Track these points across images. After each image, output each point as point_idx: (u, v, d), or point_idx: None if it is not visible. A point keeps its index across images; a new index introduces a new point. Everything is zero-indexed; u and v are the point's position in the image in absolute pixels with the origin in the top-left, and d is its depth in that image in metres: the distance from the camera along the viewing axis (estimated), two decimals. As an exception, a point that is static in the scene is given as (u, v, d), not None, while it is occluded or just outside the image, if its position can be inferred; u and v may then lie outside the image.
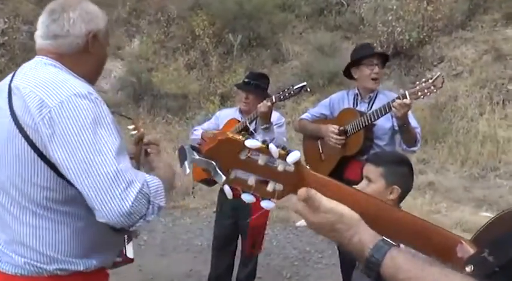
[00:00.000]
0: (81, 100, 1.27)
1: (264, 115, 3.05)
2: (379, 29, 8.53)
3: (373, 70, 2.93)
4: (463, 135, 6.75)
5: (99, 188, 1.22)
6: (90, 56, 1.47)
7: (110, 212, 1.23)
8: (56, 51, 1.44)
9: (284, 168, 0.81)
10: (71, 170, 1.24)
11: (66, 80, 1.33)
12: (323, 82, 8.80)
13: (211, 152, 0.79)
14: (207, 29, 10.30)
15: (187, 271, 4.21)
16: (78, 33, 1.43)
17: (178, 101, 9.63)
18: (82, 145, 1.23)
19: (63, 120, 1.24)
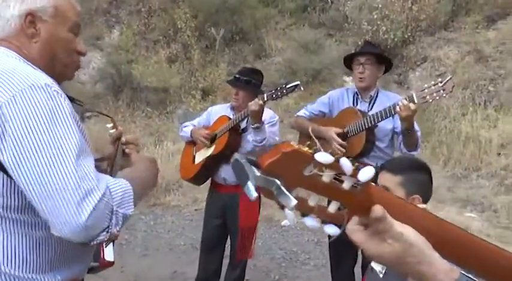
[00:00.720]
0: (37, 93, 1.11)
1: (255, 114, 2.90)
2: (364, 28, 8.53)
3: (358, 69, 2.89)
4: (445, 135, 6.79)
5: (52, 197, 1.06)
6: (34, 41, 1.28)
7: (63, 226, 1.07)
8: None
9: (351, 185, 0.68)
10: (20, 175, 1.07)
11: (20, 70, 1.16)
12: (306, 79, 8.74)
13: (274, 167, 0.65)
14: (189, 22, 10.13)
15: (171, 272, 4.08)
16: (10, 14, 1.27)
17: (158, 95, 9.43)
18: (35, 145, 1.07)
19: (15, 117, 1.08)
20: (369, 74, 2.87)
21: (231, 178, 3.18)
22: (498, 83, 7.33)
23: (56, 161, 1.07)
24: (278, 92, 2.81)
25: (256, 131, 2.99)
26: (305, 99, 8.85)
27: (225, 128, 3.21)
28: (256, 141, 3.01)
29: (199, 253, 3.50)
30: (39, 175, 1.06)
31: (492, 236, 4.69)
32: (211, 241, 3.42)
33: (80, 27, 1.40)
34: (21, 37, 1.27)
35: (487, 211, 5.41)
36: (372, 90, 2.93)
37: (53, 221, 1.07)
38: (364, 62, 2.87)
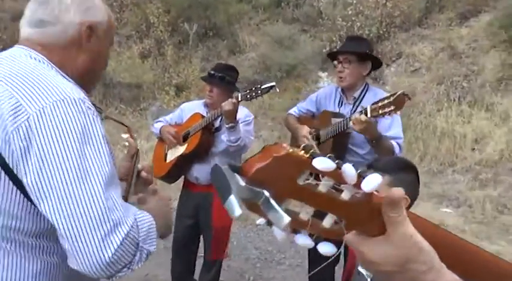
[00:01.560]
0: (70, 108, 0.99)
1: (229, 114, 2.80)
2: (338, 23, 8.49)
3: (338, 68, 2.76)
4: (421, 131, 6.80)
5: (77, 227, 0.95)
6: (82, 53, 1.20)
7: (84, 260, 0.96)
8: (41, 41, 1.16)
9: (351, 195, 0.56)
10: (43, 198, 0.95)
11: (54, 80, 1.04)
12: (281, 75, 8.68)
13: (262, 175, 0.52)
14: (161, 17, 9.97)
15: (142, 275, 3.91)
16: (70, 21, 1.17)
17: (132, 91, 9.23)
18: (63, 167, 0.95)
19: (43, 132, 0.96)
20: (348, 73, 2.69)
21: (203, 177, 3.07)
22: (471, 79, 7.38)
23: (84, 188, 0.96)
24: (253, 92, 2.73)
25: (230, 130, 2.89)
26: (280, 95, 8.76)
27: (198, 126, 3.09)
28: (230, 141, 2.91)
29: (172, 254, 3.37)
30: (64, 202, 0.95)
31: (467, 232, 4.69)
32: (182, 241, 3.29)
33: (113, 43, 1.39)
34: (71, 47, 1.18)
35: (462, 206, 5.42)
36: (356, 90, 2.75)
37: (74, 253, 0.97)
38: (343, 60, 2.71)
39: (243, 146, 2.97)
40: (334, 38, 8.42)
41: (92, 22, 1.20)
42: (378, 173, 0.55)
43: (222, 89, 3.07)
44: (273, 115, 8.25)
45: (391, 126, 2.59)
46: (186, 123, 3.24)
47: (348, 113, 2.71)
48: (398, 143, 2.58)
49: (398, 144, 2.58)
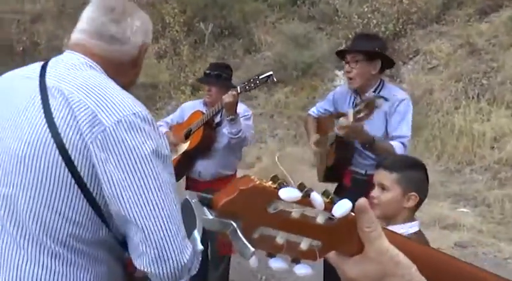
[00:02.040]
0: (142, 123, 1.04)
1: (229, 106, 2.86)
2: (354, 21, 8.42)
3: (346, 68, 2.68)
4: (439, 129, 6.70)
5: (161, 231, 1.00)
6: (133, 70, 1.29)
7: (166, 263, 1.00)
8: (104, 54, 1.20)
9: (325, 219, 0.58)
10: (126, 204, 1.00)
11: (120, 94, 1.09)
12: (296, 73, 8.65)
13: (230, 208, 0.55)
14: (177, 17, 10.05)
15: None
16: (136, 44, 1.24)
17: (147, 91, 9.31)
18: (144, 175, 1.01)
19: (121, 145, 1.01)
20: (357, 73, 2.57)
21: (206, 172, 3.16)
22: (491, 76, 7.23)
23: (165, 197, 1.02)
24: (251, 83, 2.81)
25: (231, 123, 2.96)
26: (296, 93, 8.75)
27: (199, 122, 3.17)
28: (231, 133, 2.99)
29: None
30: (150, 206, 1.01)
31: (484, 232, 4.59)
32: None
33: None
34: (129, 64, 1.26)
35: (480, 205, 5.31)
36: (369, 90, 2.63)
37: (155, 256, 1.01)
38: (350, 60, 2.61)
39: (244, 138, 3.04)
40: (350, 36, 8.32)
41: (147, 44, 1.30)
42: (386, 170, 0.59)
43: (219, 86, 3.15)
44: (289, 114, 8.23)
45: (400, 125, 2.54)
46: (187, 121, 3.33)
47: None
48: (402, 142, 2.51)
49: (403, 143, 2.51)
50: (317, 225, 0.58)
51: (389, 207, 1.74)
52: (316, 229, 0.58)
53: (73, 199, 1.02)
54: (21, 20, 10.18)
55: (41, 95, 1.05)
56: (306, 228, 0.58)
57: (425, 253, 0.68)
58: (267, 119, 8.18)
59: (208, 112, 3.12)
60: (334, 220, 0.58)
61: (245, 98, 8.54)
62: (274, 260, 0.59)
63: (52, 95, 1.04)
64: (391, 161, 1.87)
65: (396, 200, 1.73)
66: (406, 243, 0.66)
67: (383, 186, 1.77)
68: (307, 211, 0.57)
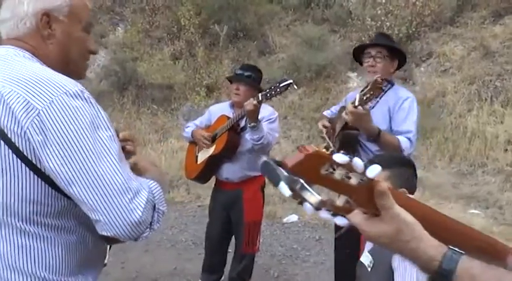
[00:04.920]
0: (73, 100, 1.09)
1: (251, 114, 2.93)
2: (368, 23, 8.46)
3: (368, 62, 2.70)
4: (451, 131, 6.72)
5: (105, 199, 1.08)
6: (50, 42, 1.23)
7: (118, 224, 1.09)
8: (7, 36, 1.23)
9: (359, 181, 0.77)
10: (69, 180, 1.07)
11: (51, 76, 1.12)
12: (310, 75, 8.70)
13: (298, 168, 0.73)
14: (192, 19, 10.14)
15: (171, 268, 4.08)
16: (24, 13, 1.21)
17: (163, 92, 9.46)
18: (81, 151, 1.07)
19: (55, 124, 1.06)
20: (380, 68, 2.64)
21: (233, 176, 3.24)
22: (505, 79, 7.23)
23: (103, 166, 1.08)
24: (272, 91, 2.83)
25: (253, 130, 3.02)
26: (310, 95, 8.82)
27: (224, 127, 3.25)
28: (253, 140, 3.04)
29: (205, 249, 3.56)
30: (89, 178, 1.07)
31: (496, 233, 4.63)
32: (215, 238, 3.48)
33: (92, 26, 1.36)
34: (36, 37, 1.23)
35: (492, 207, 5.34)
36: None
37: (107, 221, 1.09)
38: (375, 54, 2.67)
39: (267, 144, 3.09)
40: (364, 38, 8.38)
41: (47, 10, 1.21)
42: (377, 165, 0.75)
43: (249, 86, 3.20)
44: (302, 115, 8.30)
45: (405, 120, 2.59)
46: (213, 125, 3.41)
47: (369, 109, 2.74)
48: (408, 138, 2.54)
49: (409, 139, 2.54)
50: (351, 185, 0.76)
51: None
52: (350, 188, 0.76)
53: (28, 181, 1.10)
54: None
55: None
56: (343, 187, 0.76)
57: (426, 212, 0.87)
58: (280, 121, 8.20)
59: (233, 117, 3.20)
60: (363, 183, 0.76)
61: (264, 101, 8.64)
62: (321, 212, 0.78)
63: None
64: (381, 158, 1.97)
65: None
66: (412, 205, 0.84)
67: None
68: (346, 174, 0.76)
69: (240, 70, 3.33)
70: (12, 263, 1.13)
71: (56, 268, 1.16)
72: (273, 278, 3.93)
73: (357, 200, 0.79)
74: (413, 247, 0.79)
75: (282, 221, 5.21)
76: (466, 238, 0.90)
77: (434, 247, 0.79)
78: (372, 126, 2.44)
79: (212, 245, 3.50)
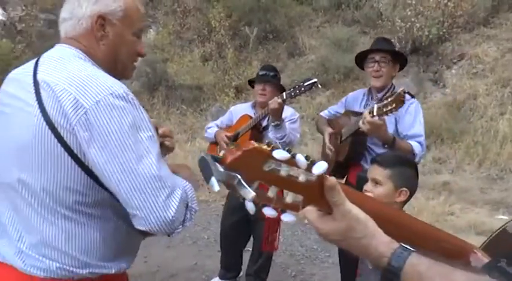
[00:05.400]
0: (119, 101, 1.16)
1: (275, 112, 2.98)
2: (398, 25, 8.35)
3: (373, 67, 2.74)
4: (481, 135, 6.56)
5: (142, 195, 1.15)
6: (102, 43, 1.33)
7: (153, 220, 1.16)
8: (65, 35, 1.33)
9: (306, 178, 0.75)
10: (111, 176, 1.15)
11: (100, 77, 1.21)
12: (339, 77, 8.68)
13: (235, 164, 0.71)
14: (223, 21, 10.27)
15: (192, 264, 4.16)
16: (82, 14, 1.31)
17: (192, 93, 9.61)
18: (123, 149, 1.14)
19: (101, 123, 1.14)
20: (385, 72, 2.71)
21: None
22: (541, 82, 7.02)
23: (142, 163, 1.15)
24: (296, 90, 2.87)
25: (276, 128, 3.07)
26: (338, 97, 8.76)
27: (247, 127, 3.31)
28: (277, 138, 3.08)
29: (221, 246, 3.64)
30: (128, 175, 1.14)
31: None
32: (232, 234, 3.54)
33: (142, 31, 1.44)
34: (90, 38, 1.31)
35: (521, 213, 5.19)
36: (383, 90, 2.78)
37: (143, 216, 1.16)
38: (380, 59, 2.71)
39: (289, 142, 3.12)
40: (393, 40, 8.29)
41: (103, 13, 1.30)
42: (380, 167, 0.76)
43: (274, 86, 3.28)
44: (330, 117, 8.27)
45: (413, 125, 2.60)
46: (236, 125, 3.46)
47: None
48: (419, 141, 2.57)
49: (420, 142, 2.57)
50: (299, 183, 0.75)
51: (381, 200, 1.82)
52: (298, 185, 0.75)
53: (72, 172, 1.18)
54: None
55: (35, 88, 1.21)
56: (291, 184, 0.75)
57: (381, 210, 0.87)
58: (308, 122, 8.24)
59: (256, 117, 3.25)
60: (312, 180, 0.75)
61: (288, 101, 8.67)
62: (266, 208, 0.78)
63: (42, 87, 1.20)
64: (384, 158, 1.97)
65: (388, 195, 1.83)
66: (366, 202, 0.84)
67: (376, 181, 1.87)
68: (292, 171, 0.74)
69: (264, 71, 3.38)
70: (57, 245, 1.23)
71: (93, 252, 1.26)
72: (290, 277, 3.95)
73: (307, 198, 0.77)
74: (365, 244, 0.78)
75: (304, 222, 5.21)
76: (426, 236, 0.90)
77: (385, 243, 0.78)
78: (388, 135, 2.46)
79: (227, 243, 3.56)
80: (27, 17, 10.51)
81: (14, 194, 1.24)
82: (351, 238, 0.79)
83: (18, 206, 1.25)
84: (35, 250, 1.24)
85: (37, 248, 1.23)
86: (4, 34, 10.68)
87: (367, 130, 2.38)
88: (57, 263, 1.23)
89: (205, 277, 3.86)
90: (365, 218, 0.79)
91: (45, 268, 1.23)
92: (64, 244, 1.23)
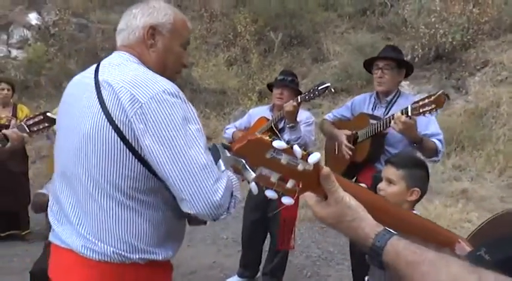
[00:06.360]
0: (171, 97, 1.31)
1: (290, 115, 3.14)
2: (421, 31, 8.34)
3: (377, 74, 2.90)
4: (503, 144, 6.51)
5: (192, 180, 1.27)
6: (152, 50, 1.50)
7: (200, 203, 1.28)
8: (121, 43, 1.52)
9: (304, 167, 0.87)
10: (163, 163, 1.28)
11: (154, 77, 1.37)
12: (361, 83, 8.70)
13: (241, 151, 0.85)
14: (248, 26, 10.41)
15: (210, 262, 4.32)
16: (136, 25, 1.50)
17: (216, 96, 9.78)
18: (175, 139, 1.28)
19: (154, 116, 1.28)
20: (388, 79, 2.88)
21: None
22: None
23: (191, 154, 1.28)
24: (311, 94, 3.03)
25: (291, 130, 3.23)
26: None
27: (263, 128, 3.46)
28: (292, 140, 3.22)
29: (242, 245, 3.80)
30: (179, 162, 1.28)
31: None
32: (251, 233, 3.69)
33: (188, 43, 1.62)
34: (141, 46, 1.50)
35: (541, 222, 5.15)
36: (390, 94, 2.94)
37: (191, 200, 1.28)
38: (383, 66, 2.89)
39: (303, 144, 3.27)
40: (416, 46, 8.30)
41: (153, 24, 1.50)
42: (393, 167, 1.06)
43: (291, 90, 3.44)
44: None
45: (428, 125, 2.72)
46: (253, 127, 3.62)
47: (381, 114, 2.89)
48: (439, 139, 2.70)
49: (440, 140, 2.70)
50: (298, 170, 0.88)
51: (394, 199, 1.94)
52: (297, 173, 0.88)
53: (127, 161, 1.33)
54: (106, 29, 11.10)
55: (96, 88, 1.38)
56: (291, 171, 0.88)
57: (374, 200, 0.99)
58: (329, 127, 8.32)
59: (272, 119, 3.42)
60: (309, 169, 0.88)
61: (312, 106, 8.76)
62: (269, 191, 0.91)
63: (103, 87, 1.37)
64: (398, 159, 2.09)
65: (400, 194, 1.96)
66: (359, 192, 0.97)
67: (390, 180, 1.99)
68: (292, 161, 0.88)
69: (282, 75, 3.56)
70: (112, 230, 1.38)
71: (144, 238, 1.39)
72: (305, 278, 4.06)
73: (305, 184, 0.90)
74: (354, 226, 0.90)
75: (322, 225, 5.32)
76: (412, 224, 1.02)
77: (371, 226, 0.90)
78: (417, 134, 2.58)
79: (247, 240, 3.72)
80: (60, 21, 10.88)
81: (76, 182, 1.41)
82: (343, 222, 0.91)
83: (79, 193, 1.41)
84: (92, 235, 1.39)
85: (94, 233, 1.39)
86: (38, 38, 11.09)
87: (399, 129, 2.50)
88: (112, 247, 1.38)
89: (223, 275, 4.01)
90: (356, 205, 0.92)
91: (101, 252, 1.38)
92: (118, 230, 1.37)
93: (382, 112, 2.94)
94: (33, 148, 8.00)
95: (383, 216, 0.96)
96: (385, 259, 0.86)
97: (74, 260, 1.41)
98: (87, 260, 1.38)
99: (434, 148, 2.68)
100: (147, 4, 1.53)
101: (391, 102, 2.93)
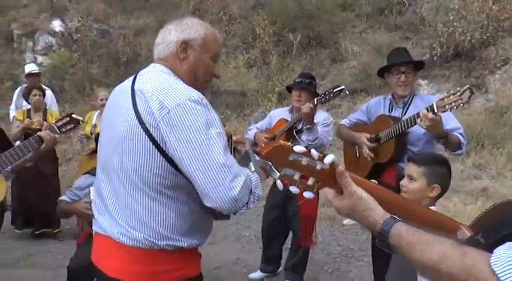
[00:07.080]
0: (195, 104, 1.46)
1: (307, 116, 3.26)
2: (440, 29, 8.34)
3: (400, 78, 2.95)
4: (524, 142, 6.50)
5: (211, 177, 1.44)
6: (184, 63, 1.66)
7: (220, 198, 1.44)
8: (157, 56, 1.69)
9: (322, 167, 1.05)
10: (186, 162, 1.45)
11: (181, 87, 1.54)
12: (380, 83, 8.73)
13: (268, 155, 1.04)
14: (267, 28, 10.52)
15: (234, 259, 4.46)
16: (170, 40, 1.67)
17: (237, 98, 9.93)
18: (196, 142, 1.44)
19: (180, 120, 1.45)
20: (411, 81, 2.97)
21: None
22: None
23: (212, 152, 1.45)
24: (326, 96, 3.17)
25: (308, 131, 3.35)
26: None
27: (282, 129, 3.61)
28: (309, 140, 3.35)
29: (262, 242, 3.94)
30: (201, 161, 1.44)
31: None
32: (272, 230, 3.84)
33: (219, 56, 1.79)
34: (175, 58, 1.66)
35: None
36: (406, 96, 3.00)
37: (211, 194, 1.45)
38: (406, 70, 2.94)
39: (321, 145, 3.39)
40: (435, 45, 8.30)
41: (186, 39, 1.66)
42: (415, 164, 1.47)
43: (309, 93, 3.57)
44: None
45: (448, 120, 2.76)
46: (273, 128, 3.77)
47: (399, 115, 2.98)
48: (460, 133, 2.78)
49: (461, 134, 2.78)
50: (316, 170, 1.05)
51: (415, 195, 2.05)
52: (316, 172, 1.06)
53: (156, 159, 1.50)
54: (126, 34, 11.37)
55: (131, 95, 1.57)
56: (310, 170, 1.06)
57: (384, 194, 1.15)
58: (349, 127, 8.36)
59: (290, 121, 3.56)
60: (326, 168, 1.05)
61: (331, 107, 8.84)
62: (292, 187, 1.10)
63: (137, 94, 1.55)
64: (419, 157, 2.19)
65: (421, 190, 2.05)
66: (371, 187, 1.13)
67: (411, 177, 2.09)
68: (312, 162, 1.06)
69: (300, 78, 3.69)
70: (142, 218, 1.55)
71: (170, 227, 1.56)
72: (326, 273, 4.17)
73: (323, 181, 1.08)
74: (366, 215, 1.06)
75: (342, 223, 5.42)
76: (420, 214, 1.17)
77: (380, 214, 1.05)
78: (443, 129, 2.66)
79: (267, 237, 3.86)
80: (82, 27, 11.19)
81: (113, 175, 1.61)
82: (357, 211, 1.08)
83: (115, 185, 1.60)
84: (126, 222, 1.57)
85: (127, 221, 1.57)
86: (62, 44, 11.43)
87: (426, 126, 2.58)
88: (142, 234, 1.56)
89: (246, 270, 4.15)
90: (367, 197, 1.08)
91: (133, 238, 1.56)
92: (148, 218, 1.55)
93: (400, 113, 3.01)
94: (59, 150, 8.29)
95: (390, 206, 1.11)
96: (391, 241, 1.00)
97: (112, 246, 1.60)
98: (123, 245, 1.57)
99: (458, 142, 2.76)
100: (180, 21, 1.71)
101: (408, 102, 3.01)
